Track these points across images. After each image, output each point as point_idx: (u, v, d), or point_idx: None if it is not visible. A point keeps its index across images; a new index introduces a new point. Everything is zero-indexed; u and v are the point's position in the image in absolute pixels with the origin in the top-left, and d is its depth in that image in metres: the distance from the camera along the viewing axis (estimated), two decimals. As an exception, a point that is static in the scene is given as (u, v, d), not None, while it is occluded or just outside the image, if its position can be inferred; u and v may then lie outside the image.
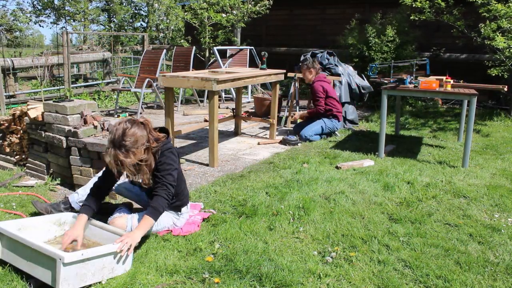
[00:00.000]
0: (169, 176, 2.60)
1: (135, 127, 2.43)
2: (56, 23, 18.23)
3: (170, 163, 2.61)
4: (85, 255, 2.15)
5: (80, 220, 2.53)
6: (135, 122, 2.46)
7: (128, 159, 2.40)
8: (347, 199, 3.39)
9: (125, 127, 2.40)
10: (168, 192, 2.58)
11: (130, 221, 2.66)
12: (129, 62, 15.41)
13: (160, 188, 2.57)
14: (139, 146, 2.44)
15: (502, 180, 3.92)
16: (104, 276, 2.25)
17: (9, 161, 4.16)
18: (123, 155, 2.38)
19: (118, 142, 2.38)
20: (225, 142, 5.43)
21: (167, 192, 2.58)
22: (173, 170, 2.63)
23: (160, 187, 2.58)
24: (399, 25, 8.00)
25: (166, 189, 2.58)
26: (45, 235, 2.60)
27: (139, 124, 2.47)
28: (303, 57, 6.71)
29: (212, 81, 4.09)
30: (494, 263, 2.47)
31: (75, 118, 3.58)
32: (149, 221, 2.51)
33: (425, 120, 6.93)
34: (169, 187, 2.59)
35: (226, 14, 9.41)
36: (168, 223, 2.78)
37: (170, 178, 2.60)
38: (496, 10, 6.24)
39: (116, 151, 2.37)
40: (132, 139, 2.40)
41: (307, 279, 2.28)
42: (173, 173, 2.62)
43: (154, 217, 2.53)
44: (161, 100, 7.35)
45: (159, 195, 2.56)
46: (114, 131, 2.39)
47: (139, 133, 2.44)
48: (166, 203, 2.58)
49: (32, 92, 9.15)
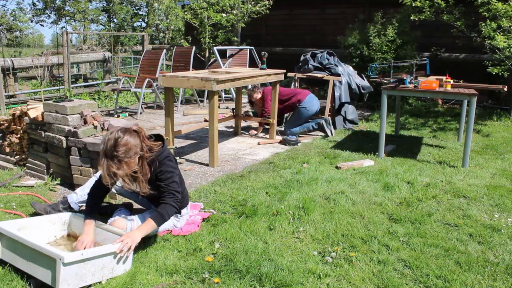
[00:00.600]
0: (173, 184, 2.60)
1: (127, 136, 2.36)
2: (57, 23, 18.24)
3: (170, 170, 2.61)
4: (85, 255, 2.15)
5: (89, 225, 2.51)
6: (127, 130, 2.39)
7: (121, 170, 2.34)
8: (347, 199, 3.39)
9: (117, 137, 2.32)
10: (176, 200, 2.58)
11: (130, 224, 2.65)
12: (129, 62, 15.40)
13: (168, 197, 2.57)
14: (132, 156, 2.37)
15: (502, 180, 3.92)
16: (104, 276, 2.25)
17: (9, 161, 4.16)
18: (116, 167, 2.31)
19: (110, 153, 2.30)
20: (225, 142, 5.43)
21: (175, 200, 2.57)
22: (175, 177, 2.63)
23: (168, 195, 2.58)
24: (400, 25, 8.00)
25: (173, 197, 2.57)
26: (45, 235, 2.61)
27: (132, 133, 2.40)
28: (303, 57, 6.72)
29: (212, 81, 4.08)
30: (494, 263, 2.47)
31: (75, 118, 3.58)
32: (151, 225, 2.49)
33: (425, 120, 6.93)
34: (176, 194, 2.59)
35: (226, 14, 9.40)
36: (168, 224, 2.78)
37: (174, 186, 2.60)
38: (496, 9, 6.24)
39: (109, 162, 2.30)
40: (124, 149, 2.32)
41: (307, 279, 2.28)
42: (176, 179, 2.62)
43: (157, 223, 2.51)
44: (161, 100, 7.34)
45: (167, 203, 2.55)
46: (106, 142, 2.32)
47: (132, 142, 2.36)
48: (174, 211, 2.57)
49: (32, 92, 9.15)
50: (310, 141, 5.41)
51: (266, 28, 11.36)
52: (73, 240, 2.63)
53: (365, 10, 9.79)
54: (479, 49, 7.59)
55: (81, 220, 2.59)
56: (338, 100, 6.32)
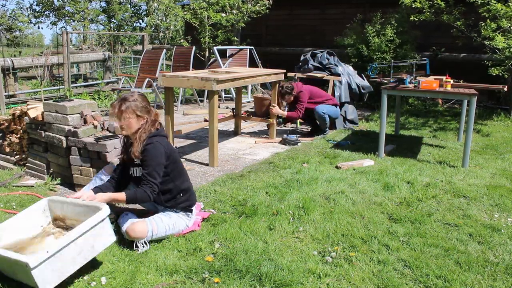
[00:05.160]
0: (154, 173, 2.59)
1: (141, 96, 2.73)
2: (55, 23, 18.22)
3: (153, 157, 2.60)
4: (50, 252, 2.08)
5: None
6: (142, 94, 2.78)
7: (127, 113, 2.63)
8: (347, 199, 3.39)
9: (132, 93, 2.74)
10: (153, 191, 2.58)
11: (150, 225, 2.63)
12: (129, 62, 15.40)
13: (146, 185, 2.58)
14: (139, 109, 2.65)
15: (502, 180, 3.93)
16: (86, 257, 2.22)
17: (9, 161, 4.16)
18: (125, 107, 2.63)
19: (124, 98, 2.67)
20: (225, 142, 5.43)
21: (151, 190, 2.58)
22: (157, 166, 2.61)
23: (146, 184, 2.58)
24: (399, 25, 7.99)
25: (151, 187, 2.58)
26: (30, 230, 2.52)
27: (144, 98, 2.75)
28: (303, 57, 6.72)
29: (212, 81, 4.08)
30: (494, 263, 2.47)
31: (75, 118, 3.58)
32: (121, 197, 2.55)
33: (425, 120, 6.93)
34: (154, 186, 2.59)
35: (226, 13, 9.40)
36: (182, 225, 2.77)
37: (154, 175, 2.59)
38: (496, 9, 6.24)
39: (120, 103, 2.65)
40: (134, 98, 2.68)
41: (307, 279, 2.28)
42: (157, 170, 2.60)
43: (128, 198, 2.56)
44: (161, 100, 7.34)
45: (143, 190, 2.57)
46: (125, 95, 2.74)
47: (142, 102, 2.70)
48: (147, 199, 2.58)
49: (32, 92, 9.14)
50: (310, 141, 5.41)
51: (266, 28, 11.35)
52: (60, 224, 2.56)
53: (365, 10, 9.78)
54: (479, 49, 7.59)
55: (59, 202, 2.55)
56: (338, 100, 6.32)
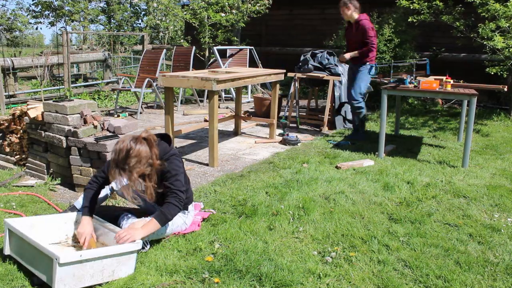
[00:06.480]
0: (177, 182, 2.59)
1: (138, 146, 2.42)
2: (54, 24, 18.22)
3: (175, 169, 2.61)
4: (83, 256, 2.13)
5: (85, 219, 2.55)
6: (138, 140, 2.44)
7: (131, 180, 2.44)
8: (347, 199, 3.39)
9: (129, 148, 2.39)
10: (179, 199, 2.57)
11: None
12: (129, 62, 15.40)
13: (171, 196, 2.57)
14: (142, 166, 2.44)
15: (502, 180, 3.93)
16: (104, 278, 2.24)
17: (9, 161, 4.16)
18: (127, 177, 2.42)
19: (121, 164, 2.38)
20: (225, 142, 5.43)
21: (177, 199, 2.56)
22: (180, 175, 2.63)
23: (170, 195, 2.58)
24: (396, 24, 7.98)
25: (176, 196, 2.57)
26: (56, 234, 2.60)
27: (142, 141, 2.45)
28: (303, 57, 6.71)
29: (212, 81, 4.09)
30: (494, 263, 2.47)
31: (75, 118, 3.58)
32: (154, 224, 2.49)
33: (425, 120, 6.93)
34: (180, 194, 2.58)
35: (225, 13, 9.40)
36: (180, 222, 2.77)
37: (178, 184, 2.59)
38: (495, 9, 6.24)
39: (120, 172, 2.40)
40: (135, 160, 2.40)
41: (307, 279, 2.28)
42: (180, 178, 2.62)
43: (160, 222, 2.51)
44: (161, 100, 7.35)
45: (171, 203, 2.55)
46: (117, 152, 2.39)
47: (143, 153, 2.43)
48: (177, 210, 2.56)
49: (32, 92, 9.14)
50: (310, 141, 5.41)
51: (266, 28, 11.35)
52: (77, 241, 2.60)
53: (365, 10, 9.77)
54: (479, 49, 7.59)
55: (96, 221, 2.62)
56: (338, 100, 6.32)
